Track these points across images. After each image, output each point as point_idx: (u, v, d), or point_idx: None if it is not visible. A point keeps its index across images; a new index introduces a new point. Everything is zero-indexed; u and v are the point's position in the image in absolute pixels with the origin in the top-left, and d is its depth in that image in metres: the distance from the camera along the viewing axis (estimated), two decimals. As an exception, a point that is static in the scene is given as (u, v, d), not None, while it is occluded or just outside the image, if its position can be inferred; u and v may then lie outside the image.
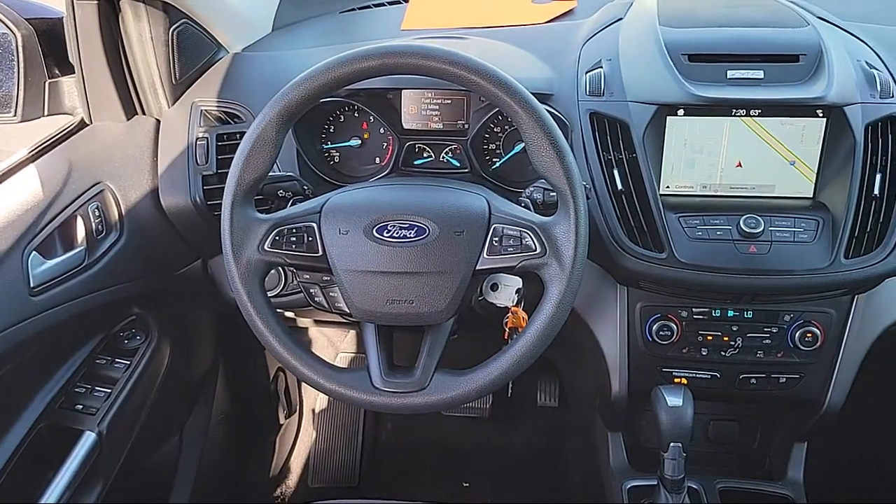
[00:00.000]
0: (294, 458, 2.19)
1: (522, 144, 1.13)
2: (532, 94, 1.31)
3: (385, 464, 2.24)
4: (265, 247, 1.07)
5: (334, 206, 1.10)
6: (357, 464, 2.19)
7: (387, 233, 1.06)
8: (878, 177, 1.19)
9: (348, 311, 1.10)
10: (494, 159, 1.43)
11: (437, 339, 1.12)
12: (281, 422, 2.09)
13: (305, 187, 1.25)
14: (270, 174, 1.12)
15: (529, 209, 1.16)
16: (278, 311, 1.61)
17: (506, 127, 1.40)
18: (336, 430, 2.23)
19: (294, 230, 1.08)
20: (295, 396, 2.18)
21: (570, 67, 1.38)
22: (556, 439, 2.09)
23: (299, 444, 2.21)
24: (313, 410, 2.26)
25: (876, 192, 1.19)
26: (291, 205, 1.20)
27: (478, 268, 1.07)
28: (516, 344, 1.06)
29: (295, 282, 1.32)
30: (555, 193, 1.06)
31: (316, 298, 1.17)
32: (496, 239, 1.06)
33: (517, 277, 1.25)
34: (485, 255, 1.06)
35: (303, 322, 1.92)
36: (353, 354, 2.23)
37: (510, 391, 1.77)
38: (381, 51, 1.04)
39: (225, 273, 1.10)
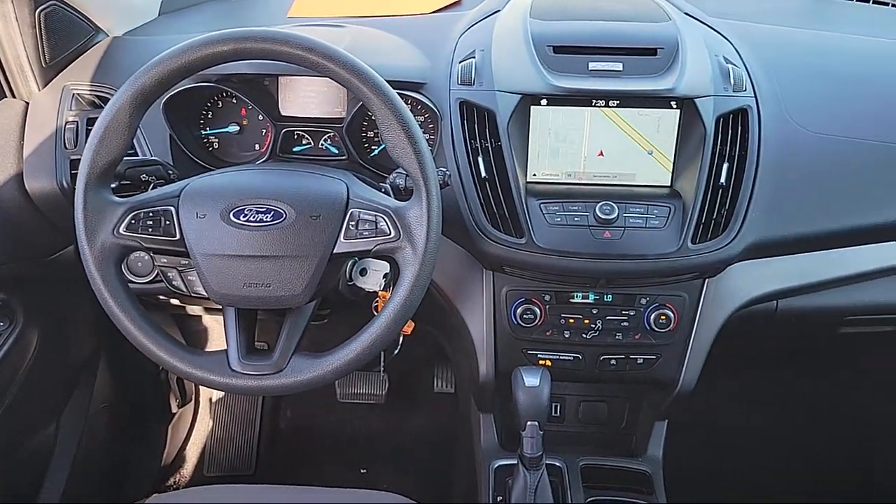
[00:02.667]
0: (189, 448, 2.17)
1: None
2: (404, 82, 1.36)
3: (283, 451, 2.25)
4: (120, 230, 1.07)
5: (193, 190, 1.10)
6: (254, 452, 2.19)
7: (244, 216, 1.07)
8: (726, 166, 1.26)
9: (206, 294, 1.10)
10: (372, 146, 1.44)
11: (296, 322, 1.14)
12: (173, 410, 2.07)
13: (170, 172, 1.24)
14: (135, 158, 1.11)
15: (390, 195, 1.18)
16: (162, 298, 1.62)
17: None
18: (233, 419, 2.22)
19: (151, 213, 1.08)
20: (190, 385, 2.16)
21: (446, 57, 1.40)
22: (450, 424, 2.13)
23: (195, 433, 2.20)
24: (210, 399, 2.25)
25: (723, 180, 1.25)
26: (153, 189, 1.19)
27: (335, 251, 1.08)
28: (371, 326, 1.09)
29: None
30: None
31: (174, 282, 1.17)
32: (353, 223, 1.08)
33: (385, 262, 1.28)
34: (341, 239, 1.08)
35: (194, 311, 1.90)
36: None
37: (381, 366, 1.81)
38: (235, 35, 1.04)
39: None
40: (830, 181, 1.32)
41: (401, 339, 2.24)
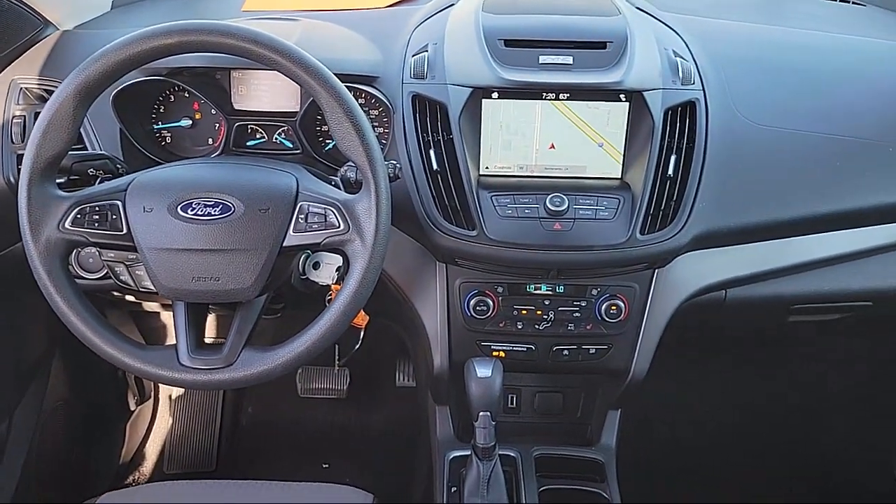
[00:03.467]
0: (149, 446, 2.16)
1: None
2: (357, 76, 1.36)
3: (244, 447, 2.24)
4: (66, 225, 1.06)
5: (140, 184, 1.09)
6: (215, 448, 2.18)
7: (191, 210, 1.07)
8: (674, 158, 1.28)
9: (155, 289, 1.10)
10: (326, 140, 1.44)
11: (247, 316, 1.14)
12: (132, 408, 2.05)
13: (119, 166, 1.23)
14: (82, 153, 1.10)
15: (340, 188, 1.19)
16: (117, 295, 1.60)
17: None
18: (193, 416, 2.21)
19: (97, 208, 1.07)
20: (149, 383, 2.15)
21: (400, 51, 1.41)
22: (412, 418, 2.14)
23: (154, 430, 2.18)
24: (170, 397, 2.23)
25: (671, 172, 1.27)
26: (101, 183, 1.18)
27: (284, 245, 1.09)
28: (321, 319, 1.09)
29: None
30: None
31: (122, 277, 1.17)
32: (302, 216, 1.09)
33: (338, 255, 1.28)
34: (291, 233, 1.09)
35: (150, 307, 1.89)
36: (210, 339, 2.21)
37: (336, 361, 1.82)
38: (179, 28, 1.04)
39: None
40: (775, 173, 1.35)
41: (361, 333, 2.25)
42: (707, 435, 2.15)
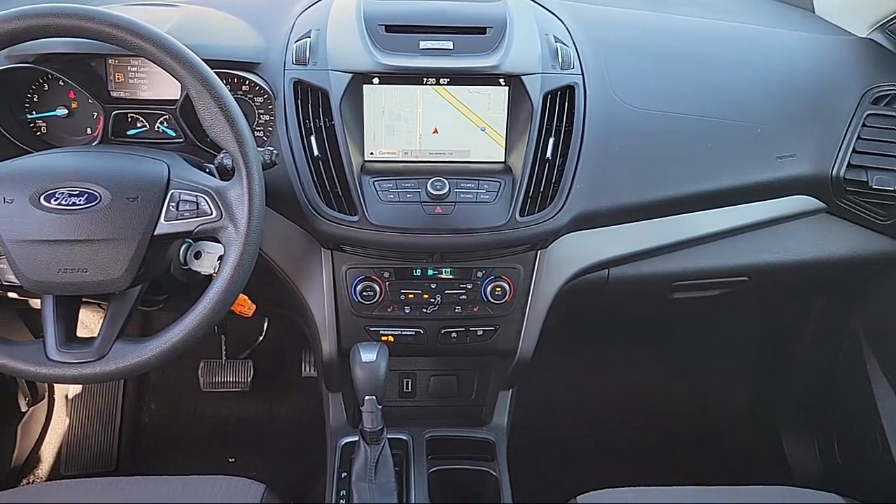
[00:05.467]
0: (44, 448, 2.08)
1: None
2: (237, 62, 1.34)
3: (147, 445, 2.19)
4: None
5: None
6: (114, 447, 2.12)
7: (55, 200, 1.04)
8: (552, 141, 1.30)
9: (19, 283, 1.06)
10: (210, 128, 1.42)
11: (119, 307, 1.12)
12: (23, 409, 1.98)
13: None
14: None
15: (215, 175, 1.17)
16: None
17: None
18: (91, 415, 2.14)
19: None
20: (42, 384, 2.07)
21: (283, 37, 1.39)
22: (317, 408, 2.12)
23: (50, 431, 2.11)
24: (66, 396, 2.16)
25: (549, 155, 1.30)
26: None
27: (156, 233, 1.07)
28: (196, 308, 1.08)
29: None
30: None
31: (-17, 271, 1.13)
32: (173, 204, 1.07)
33: (220, 245, 1.26)
34: (162, 221, 1.07)
35: (36, 304, 1.82)
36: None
37: (223, 351, 1.79)
38: (36, 11, 1.01)
39: None
40: (651, 154, 1.39)
41: (265, 325, 2.24)
42: (599, 413, 2.21)
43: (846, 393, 1.81)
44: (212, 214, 1.07)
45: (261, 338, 2.21)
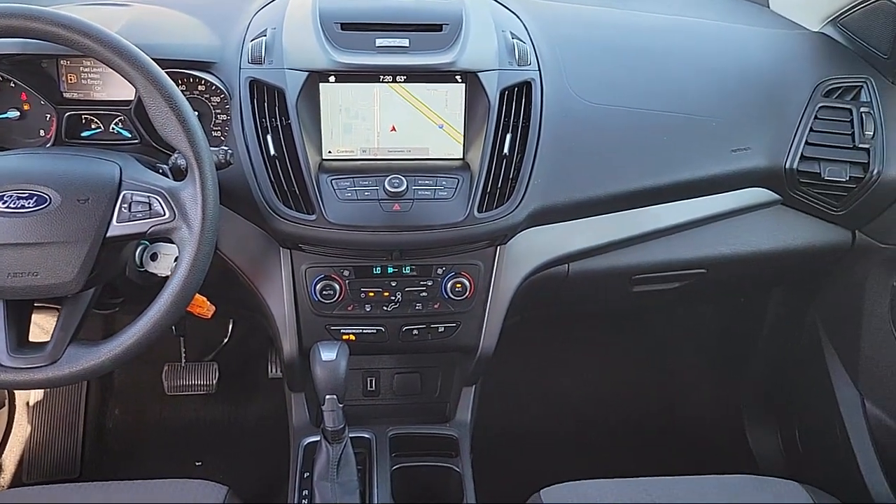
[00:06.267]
0: (5, 455, 2.05)
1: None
2: (191, 61, 1.33)
3: (112, 451, 2.16)
4: None
5: None
6: (78, 453, 2.09)
7: (3, 203, 1.03)
8: (509, 137, 1.31)
9: None
10: (166, 129, 1.40)
11: (72, 311, 1.10)
12: (-18, 417, 1.95)
13: None
14: None
15: (168, 176, 1.16)
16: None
17: None
18: (54, 421, 2.11)
19: None
20: (2, 391, 2.04)
21: (238, 36, 1.39)
22: (282, 409, 2.12)
23: (11, 439, 2.07)
24: (27, 403, 2.13)
25: (506, 151, 1.30)
26: None
27: (108, 235, 1.06)
28: (150, 310, 1.07)
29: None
30: None
31: (-69, 276, 1.11)
32: (125, 206, 1.06)
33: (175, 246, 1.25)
34: (114, 223, 1.06)
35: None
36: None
37: (183, 354, 1.78)
38: None
39: None
40: (608, 149, 1.40)
41: (230, 326, 2.22)
42: (564, 408, 2.22)
43: (806, 383, 1.83)
44: (165, 215, 1.06)
45: (226, 339, 2.19)
